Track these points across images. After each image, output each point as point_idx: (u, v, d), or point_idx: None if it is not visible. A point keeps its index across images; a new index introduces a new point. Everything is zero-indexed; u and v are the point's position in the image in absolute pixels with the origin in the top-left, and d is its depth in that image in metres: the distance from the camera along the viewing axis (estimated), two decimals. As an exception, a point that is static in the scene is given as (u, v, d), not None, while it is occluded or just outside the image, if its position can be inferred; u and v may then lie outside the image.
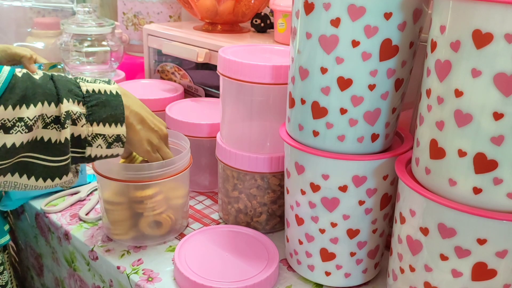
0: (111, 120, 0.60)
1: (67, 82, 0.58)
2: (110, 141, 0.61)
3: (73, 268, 0.83)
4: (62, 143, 0.56)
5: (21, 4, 1.29)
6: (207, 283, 0.64)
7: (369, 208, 0.63)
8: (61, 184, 0.59)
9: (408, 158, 0.60)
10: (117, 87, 0.63)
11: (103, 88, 0.61)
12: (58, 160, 0.57)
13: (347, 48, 0.56)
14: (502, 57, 0.43)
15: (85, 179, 0.93)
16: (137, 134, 0.66)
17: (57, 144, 0.56)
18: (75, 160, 0.60)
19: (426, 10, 0.58)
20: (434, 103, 0.50)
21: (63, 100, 0.56)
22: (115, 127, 0.61)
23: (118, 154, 0.63)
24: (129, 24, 1.38)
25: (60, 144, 0.56)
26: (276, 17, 0.99)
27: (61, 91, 0.56)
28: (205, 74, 1.10)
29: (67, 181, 0.60)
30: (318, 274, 0.69)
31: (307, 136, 0.62)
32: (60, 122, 0.56)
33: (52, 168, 0.57)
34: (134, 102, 0.66)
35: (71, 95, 0.57)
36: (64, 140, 0.56)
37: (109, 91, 0.61)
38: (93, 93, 0.60)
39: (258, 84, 0.72)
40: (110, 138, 0.61)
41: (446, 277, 0.52)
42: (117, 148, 0.62)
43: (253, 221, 0.81)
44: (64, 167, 0.58)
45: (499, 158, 0.46)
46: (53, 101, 0.55)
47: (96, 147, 0.60)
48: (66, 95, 0.56)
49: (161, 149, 0.71)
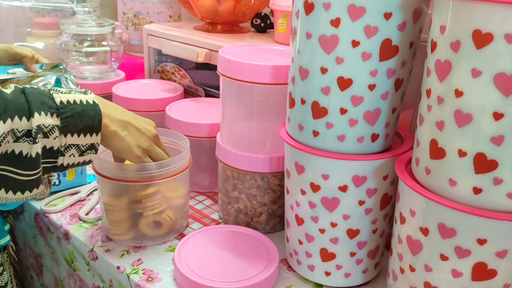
0: (87, 131, 0.59)
1: (40, 94, 0.57)
2: (83, 150, 0.60)
3: (72, 268, 0.83)
4: (33, 157, 0.55)
5: (20, 4, 1.29)
6: (207, 283, 0.64)
7: (369, 208, 0.63)
8: (32, 196, 0.59)
9: (408, 158, 0.60)
10: (93, 96, 0.62)
11: (78, 98, 0.60)
12: (29, 174, 0.56)
13: (347, 48, 0.56)
14: (502, 57, 0.43)
15: (85, 179, 0.93)
16: (123, 141, 0.65)
17: (28, 158, 0.55)
18: (47, 170, 0.59)
19: (426, 10, 0.58)
20: (434, 103, 0.50)
21: (34, 113, 0.55)
22: (90, 136, 0.60)
23: (91, 160, 0.63)
24: (129, 24, 1.38)
25: (31, 159, 0.55)
26: (276, 17, 0.99)
27: (32, 104, 0.55)
28: (205, 74, 1.10)
29: (38, 193, 0.59)
30: (318, 274, 0.69)
31: (307, 136, 0.62)
32: (32, 136, 0.55)
33: (23, 181, 0.56)
34: (115, 109, 0.64)
35: (44, 108, 0.56)
36: (35, 155, 0.55)
37: (85, 101, 0.60)
38: (68, 103, 0.58)
39: (258, 84, 0.72)
40: (84, 147, 0.60)
41: (446, 277, 0.52)
42: (90, 155, 0.61)
43: (253, 221, 0.81)
44: (35, 180, 0.57)
45: (499, 158, 0.46)
46: (24, 115, 0.54)
47: (69, 156, 0.59)
48: (38, 108, 0.56)
49: (153, 151, 0.70)
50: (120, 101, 1.01)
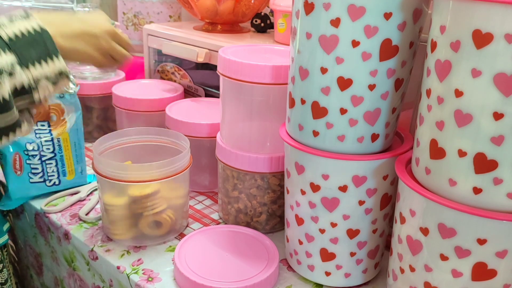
0: (46, 57, 0.58)
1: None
2: (54, 79, 0.59)
3: (72, 268, 0.83)
4: (6, 100, 0.54)
5: (21, 4, 1.28)
6: (207, 283, 0.64)
7: (369, 208, 0.63)
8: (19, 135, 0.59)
9: (408, 158, 0.60)
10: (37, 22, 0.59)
11: (24, 28, 0.58)
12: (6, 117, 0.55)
13: (347, 48, 0.56)
14: (502, 57, 0.43)
15: (85, 179, 0.93)
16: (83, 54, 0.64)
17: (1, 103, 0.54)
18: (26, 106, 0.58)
19: (426, 10, 0.58)
20: (434, 103, 0.50)
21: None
22: (53, 62, 0.58)
23: (66, 86, 0.61)
24: (129, 24, 1.38)
25: (4, 101, 0.54)
26: (276, 17, 0.99)
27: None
28: (205, 74, 1.10)
29: (23, 132, 0.59)
30: (318, 274, 0.69)
31: (307, 136, 0.62)
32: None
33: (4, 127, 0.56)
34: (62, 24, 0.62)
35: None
36: (8, 96, 0.54)
37: (32, 29, 0.58)
38: (17, 38, 0.57)
39: (258, 84, 0.72)
40: (53, 75, 0.59)
41: (446, 277, 0.52)
42: (64, 81, 0.60)
43: (253, 221, 0.81)
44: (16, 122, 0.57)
45: (499, 158, 0.46)
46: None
47: (43, 89, 0.58)
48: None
49: (113, 50, 0.68)
50: (120, 101, 1.01)
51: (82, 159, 0.92)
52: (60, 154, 0.88)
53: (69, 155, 0.90)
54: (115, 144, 0.82)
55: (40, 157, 0.86)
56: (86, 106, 1.12)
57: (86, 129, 1.13)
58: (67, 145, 0.89)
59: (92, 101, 1.12)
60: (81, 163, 0.92)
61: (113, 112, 1.11)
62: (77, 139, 0.90)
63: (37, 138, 0.85)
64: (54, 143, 0.87)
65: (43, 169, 0.87)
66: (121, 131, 0.83)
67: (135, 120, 1.01)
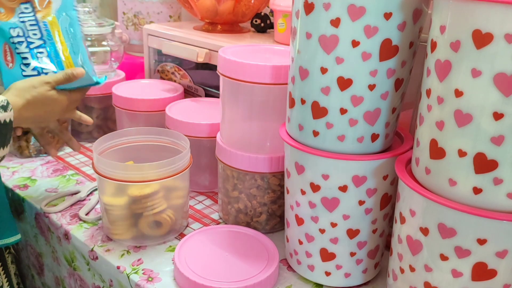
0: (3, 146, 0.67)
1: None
2: None
3: (73, 268, 0.83)
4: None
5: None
6: (207, 283, 0.64)
7: (369, 208, 0.64)
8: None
9: (408, 158, 0.60)
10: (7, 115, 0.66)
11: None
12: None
13: (347, 48, 0.56)
14: (502, 57, 0.43)
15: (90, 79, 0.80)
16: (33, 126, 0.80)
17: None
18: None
19: (426, 10, 0.58)
20: (434, 103, 0.50)
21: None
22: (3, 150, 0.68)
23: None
24: (129, 24, 1.38)
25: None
26: (276, 17, 0.99)
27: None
28: (205, 74, 1.10)
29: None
30: (318, 274, 0.69)
31: (307, 136, 0.62)
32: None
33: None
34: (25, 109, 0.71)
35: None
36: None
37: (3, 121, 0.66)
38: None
39: (258, 84, 0.72)
40: None
41: (446, 277, 0.52)
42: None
43: (253, 221, 0.81)
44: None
45: (499, 158, 0.46)
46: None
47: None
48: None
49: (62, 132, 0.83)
50: (120, 101, 1.01)
51: (79, 49, 0.79)
52: (50, 41, 0.77)
53: (63, 44, 0.78)
54: (115, 144, 0.82)
55: (27, 45, 0.76)
56: (86, 106, 1.12)
57: (86, 129, 1.14)
58: (56, 31, 0.77)
59: (92, 101, 1.12)
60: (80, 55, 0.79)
61: (113, 112, 1.11)
62: (69, 24, 0.78)
63: (21, 22, 0.76)
64: (40, 27, 0.76)
65: (35, 59, 0.76)
66: (121, 131, 0.83)
67: (135, 120, 1.01)
